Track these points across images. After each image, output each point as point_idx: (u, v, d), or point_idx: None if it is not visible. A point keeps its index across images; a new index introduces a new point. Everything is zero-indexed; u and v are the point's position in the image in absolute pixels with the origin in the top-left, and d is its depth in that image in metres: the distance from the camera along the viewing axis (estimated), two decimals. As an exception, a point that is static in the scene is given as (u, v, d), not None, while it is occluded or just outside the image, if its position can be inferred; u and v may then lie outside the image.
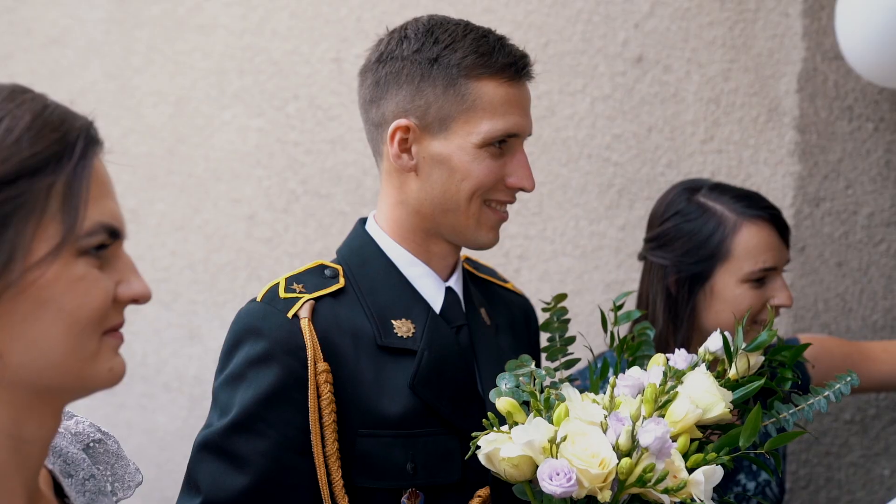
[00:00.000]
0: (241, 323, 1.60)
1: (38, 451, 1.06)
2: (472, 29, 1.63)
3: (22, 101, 0.99)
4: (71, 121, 1.01)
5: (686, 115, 2.55)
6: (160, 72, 3.02)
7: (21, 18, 3.19)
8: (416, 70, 1.59)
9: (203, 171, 2.98)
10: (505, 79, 1.58)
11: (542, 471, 1.37)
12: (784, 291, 1.96)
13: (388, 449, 1.56)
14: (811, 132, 2.46)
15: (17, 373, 0.99)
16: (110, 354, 1.06)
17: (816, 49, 2.45)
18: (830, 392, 1.50)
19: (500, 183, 1.60)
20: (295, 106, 2.88)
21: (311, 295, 1.60)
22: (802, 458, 2.48)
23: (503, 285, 1.88)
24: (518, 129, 1.60)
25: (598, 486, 1.37)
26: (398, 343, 1.60)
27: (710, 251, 1.95)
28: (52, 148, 0.98)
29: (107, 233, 1.02)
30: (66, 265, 0.98)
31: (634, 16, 2.58)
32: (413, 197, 1.63)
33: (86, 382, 1.04)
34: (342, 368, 1.56)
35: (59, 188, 0.97)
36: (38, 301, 0.97)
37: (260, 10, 2.91)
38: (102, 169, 1.04)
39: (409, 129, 1.59)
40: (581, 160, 2.63)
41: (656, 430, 1.37)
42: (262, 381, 1.53)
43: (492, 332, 1.74)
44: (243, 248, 2.95)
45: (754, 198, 2.01)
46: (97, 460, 1.37)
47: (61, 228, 0.97)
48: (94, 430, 1.39)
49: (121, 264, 1.05)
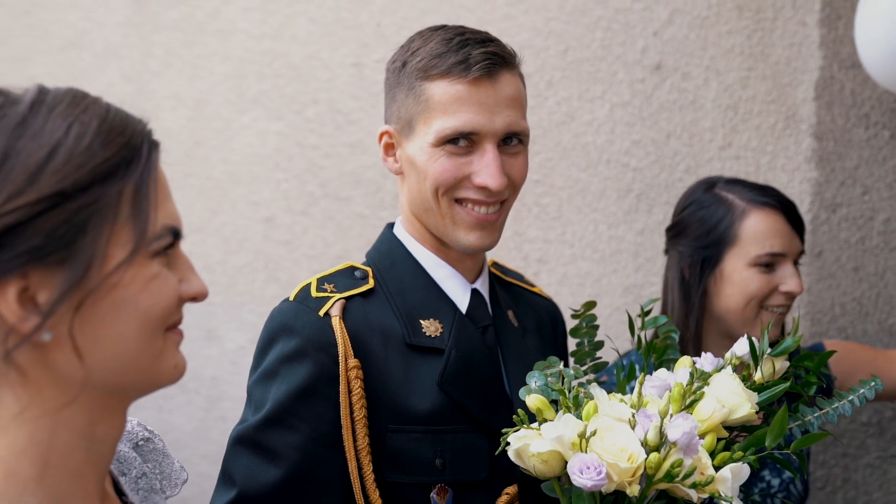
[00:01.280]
0: (274, 321, 1.64)
1: (108, 450, 1.09)
2: (443, 34, 1.63)
3: (86, 107, 1.00)
4: (133, 124, 1.03)
5: (704, 121, 2.59)
6: (178, 75, 3.04)
7: (39, 21, 3.19)
8: (392, 78, 1.66)
9: (221, 173, 2.99)
10: (455, 77, 1.58)
11: (572, 464, 1.39)
12: (794, 278, 2.02)
13: (417, 445, 1.59)
14: (828, 139, 2.50)
15: (94, 373, 1.01)
16: (174, 351, 1.09)
17: (833, 58, 2.49)
18: (855, 396, 1.53)
19: (465, 181, 1.61)
20: (314, 110, 2.90)
21: (342, 294, 1.64)
22: (820, 460, 2.51)
23: (530, 289, 1.91)
24: (472, 126, 1.58)
25: (626, 481, 1.39)
26: (427, 342, 1.64)
27: (719, 236, 2.04)
28: (121, 153, 0.99)
29: (171, 234, 1.05)
30: (140, 266, 1.01)
31: (653, 24, 2.62)
32: (407, 200, 1.69)
33: (154, 379, 1.07)
34: (372, 366, 1.60)
35: (128, 193, 1.00)
36: (116, 303, 0.99)
37: (279, 15, 2.93)
38: (161, 171, 1.06)
39: (391, 134, 1.67)
40: (600, 165, 2.67)
41: (684, 425, 1.39)
42: (294, 376, 1.57)
43: (519, 333, 1.77)
44: (261, 251, 2.96)
45: (767, 189, 2.09)
46: (146, 458, 1.39)
47: (134, 232, 1.00)
48: (142, 429, 1.41)
49: (181, 263, 1.08)
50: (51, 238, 0.94)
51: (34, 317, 0.95)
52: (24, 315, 0.95)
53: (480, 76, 1.58)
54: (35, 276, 0.95)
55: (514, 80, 1.63)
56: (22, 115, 0.97)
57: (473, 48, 1.59)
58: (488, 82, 1.59)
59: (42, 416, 1.00)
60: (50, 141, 0.96)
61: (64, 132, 0.97)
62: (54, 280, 0.95)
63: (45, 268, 0.95)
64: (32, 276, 0.95)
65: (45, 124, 0.97)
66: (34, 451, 1.00)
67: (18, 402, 0.99)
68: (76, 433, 1.03)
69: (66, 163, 0.95)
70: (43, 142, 0.95)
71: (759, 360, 1.54)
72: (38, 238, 0.94)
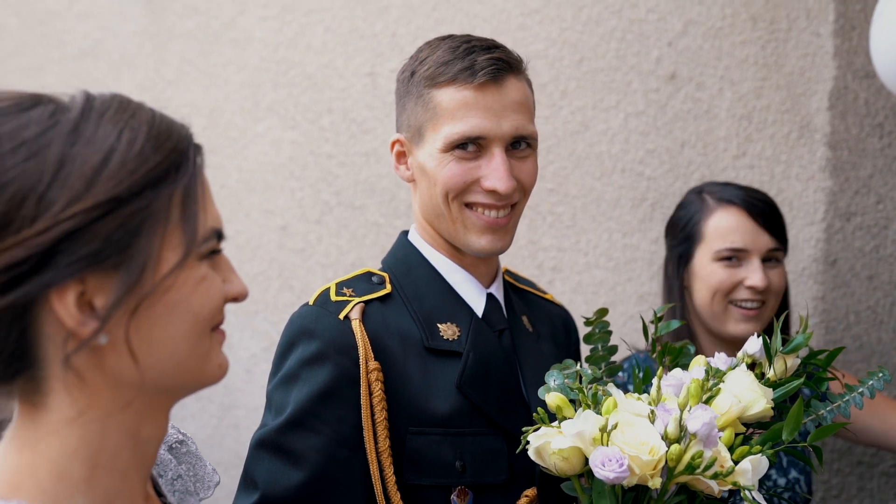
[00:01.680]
0: (294, 326, 1.65)
1: (152, 450, 1.10)
2: (450, 42, 1.67)
3: (133, 112, 1.01)
4: (178, 128, 1.04)
5: (719, 131, 2.61)
6: (193, 84, 3.06)
7: (54, 31, 3.21)
8: (402, 88, 1.70)
9: (236, 182, 3.01)
10: (462, 84, 1.61)
11: (594, 458, 1.40)
12: (757, 273, 2.10)
13: (437, 447, 1.60)
14: (842, 148, 2.52)
15: (148, 375, 1.02)
16: (218, 350, 1.10)
17: (847, 68, 2.51)
18: (865, 388, 1.56)
19: (474, 185, 1.64)
20: (329, 119, 2.92)
21: (361, 298, 1.66)
22: (835, 468, 2.52)
23: (543, 296, 1.93)
24: (480, 130, 1.61)
25: (648, 474, 1.40)
26: (444, 345, 1.65)
27: (689, 232, 2.19)
28: (170, 157, 1.00)
29: (216, 236, 1.06)
30: (190, 269, 1.02)
31: (668, 34, 2.64)
32: (420, 207, 1.72)
33: (201, 379, 1.08)
34: (391, 368, 1.61)
35: (178, 196, 1.01)
36: (169, 305, 1.01)
37: (295, 24, 2.95)
38: (204, 174, 1.07)
39: (402, 142, 1.70)
40: (615, 174, 2.68)
41: (703, 416, 1.40)
42: (315, 379, 1.58)
43: (533, 338, 1.79)
44: (276, 259, 2.97)
45: (744, 190, 2.19)
46: (181, 461, 1.39)
47: (184, 235, 1.01)
48: (176, 432, 1.41)
49: (223, 264, 1.10)
50: (108, 242, 0.95)
51: (92, 321, 0.96)
52: (83, 319, 0.96)
53: (486, 81, 1.61)
54: (92, 281, 0.96)
55: (521, 84, 1.66)
56: (74, 121, 0.97)
57: (479, 55, 1.62)
58: (494, 87, 1.62)
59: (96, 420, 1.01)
60: (104, 147, 0.97)
61: (116, 137, 0.98)
62: (110, 284, 0.96)
63: (102, 272, 0.96)
64: (89, 281, 0.96)
65: (98, 130, 0.98)
66: (85, 453, 1.01)
67: (75, 405, 1.00)
68: (125, 434, 1.04)
69: (121, 168, 0.96)
70: (97, 147, 0.96)
71: (772, 358, 1.56)
72: (95, 243, 0.95)
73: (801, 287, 2.57)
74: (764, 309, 2.14)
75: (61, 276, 0.94)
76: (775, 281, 2.15)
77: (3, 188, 0.93)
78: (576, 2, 2.71)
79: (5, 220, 0.92)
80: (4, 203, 0.92)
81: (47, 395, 1.00)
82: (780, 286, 2.16)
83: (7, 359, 0.97)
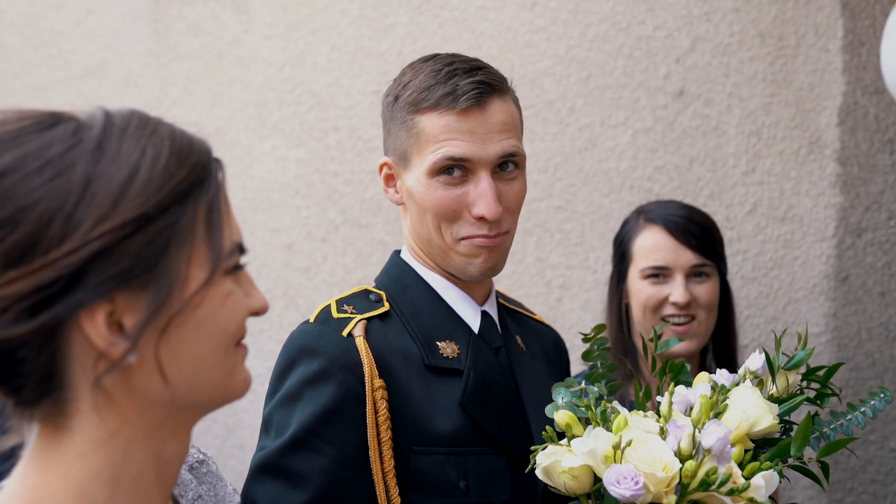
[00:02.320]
0: (295, 343, 1.61)
1: (175, 469, 1.07)
2: (433, 65, 1.65)
3: (154, 128, 0.99)
4: (198, 143, 1.02)
5: (728, 147, 2.60)
6: (198, 103, 3.05)
7: (59, 51, 3.21)
8: (387, 112, 1.68)
9: (241, 200, 2.99)
10: (444, 109, 1.59)
11: (608, 476, 1.38)
12: (678, 290, 2.18)
13: (441, 466, 1.57)
14: (852, 164, 2.51)
15: (176, 393, 1.00)
16: (242, 365, 1.08)
17: (857, 84, 2.50)
18: (867, 407, 1.55)
19: (464, 212, 1.61)
20: (335, 137, 2.91)
21: (363, 315, 1.63)
22: (848, 486, 2.49)
23: (532, 317, 1.92)
24: (463, 153, 1.58)
25: (662, 491, 1.38)
26: (445, 363, 1.63)
27: (623, 251, 2.29)
28: (194, 172, 0.98)
29: (239, 250, 1.04)
30: (217, 285, 1.00)
31: (675, 51, 2.64)
32: (409, 231, 1.70)
33: (227, 394, 1.06)
34: (395, 386, 1.58)
35: (202, 212, 0.99)
36: (196, 321, 0.98)
37: (300, 42, 2.95)
38: (225, 189, 1.06)
39: (390, 165, 1.68)
40: (623, 191, 2.67)
41: (718, 431, 1.39)
42: (319, 398, 1.54)
43: (528, 356, 1.77)
44: (281, 277, 2.95)
45: (670, 207, 2.27)
46: (201, 481, 1.37)
47: (210, 251, 0.99)
48: (197, 451, 1.39)
49: (244, 278, 1.07)
50: (137, 261, 0.93)
51: (122, 341, 0.94)
52: (113, 340, 0.94)
53: (469, 106, 1.59)
54: (121, 300, 0.94)
55: (506, 104, 1.64)
56: (97, 138, 0.95)
57: (461, 78, 1.60)
58: (477, 111, 1.59)
59: (124, 441, 0.99)
60: (128, 164, 0.95)
61: (140, 154, 0.96)
62: (139, 303, 0.94)
63: (131, 291, 0.94)
64: (119, 300, 0.94)
65: (121, 147, 0.96)
66: (108, 474, 0.99)
67: (104, 426, 0.98)
68: (148, 453, 1.02)
69: (147, 185, 0.94)
70: (122, 164, 0.94)
71: (775, 374, 1.56)
72: (124, 261, 0.93)
73: (813, 304, 2.55)
74: (693, 324, 2.21)
75: (91, 297, 0.91)
76: (702, 296, 2.20)
77: (31, 208, 0.91)
78: (583, 19, 2.71)
79: (33, 241, 0.90)
80: (32, 223, 0.90)
81: (72, 417, 0.97)
82: (708, 300, 2.22)
83: (36, 382, 0.94)
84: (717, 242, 2.24)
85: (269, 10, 2.98)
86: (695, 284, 2.21)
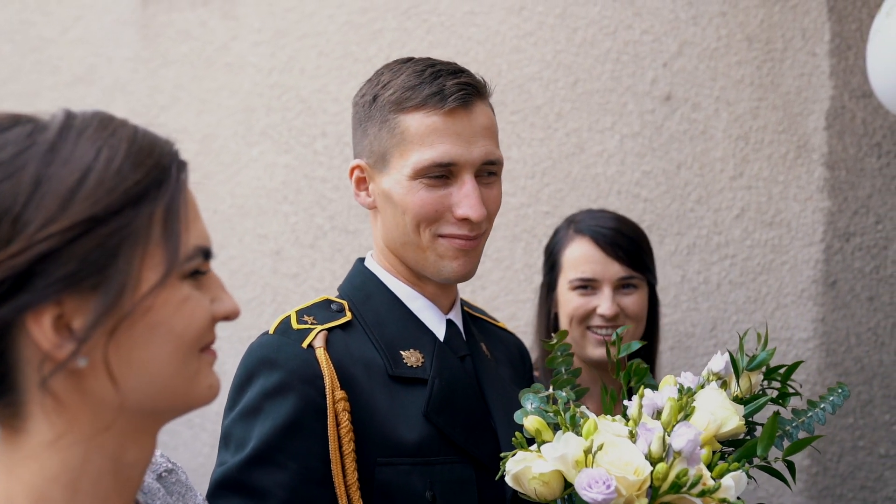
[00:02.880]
0: (253, 356, 1.57)
1: (137, 475, 1.06)
2: (413, 66, 1.63)
3: (114, 130, 0.98)
4: (161, 145, 1.01)
5: (715, 151, 2.58)
6: (186, 109, 3.04)
7: (48, 57, 3.21)
8: (362, 112, 1.65)
9: (229, 206, 2.98)
10: (431, 109, 1.57)
11: (580, 480, 1.37)
12: (606, 302, 2.20)
13: (407, 477, 1.55)
14: (840, 168, 2.50)
15: (129, 397, 0.99)
16: (208, 371, 1.06)
17: (844, 87, 2.49)
18: (826, 404, 1.57)
19: (447, 214, 1.59)
20: (323, 143, 2.90)
21: (323, 326, 1.59)
22: (837, 493, 2.48)
23: (496, 324, 1.91)
24: (450, 157, 1.57)
25: (634, 494, 1.38)
26: (409, 373, 1.60)
27: (552, 261, 2.31)
28: (151, 174, 0.97)
29: (202, 254, 1.03)
30: (172, 289, 0.99)
31: (663, 55, 2.62)
32: (382, 235, 1.66)
33: (189, 401, 1.05)
34: (358, 398, 1.55)
35: (159, 214, 0.98)
36: (149, 326, 0.97)
37: (288, 49, 2.94)
38: (190, 191, 1.04)
39: (362, 168, 1.64)
40: (611, 196, 2.66)
41: (688, 433, 1.39)
42: (279, 411, 1.51)
43: (493, 364, 1.76)
44: (269, 284, 2.94)
45: (600, 218, 2.28)
46: (170, 490, 1.35)
47: (165, 255, 0.98)
48: (165, 461, 1.38)
49: (212, 283, 1.06)
50: (84, 264, 0.93)
51: (69, 343, 0.94)
52: (60, 342, 0.93)
53: (456, 107, 1.57)
54: (69, 303, 0.93)
55: (487, 109, 1.64)
56: (51, 141, 0.95)
57: (447, 79, 1.58)
58: (464, 113, 1.58)
59: (77, 443, 0.99)
60: (80, 166, 0.94)
61: (94, 156, 0.95)
62: (88, 306, 0.94)
63: (80, 294, 0.94)
64: (67, 303, 0.93)
65: (75, 149, 0.95)
66: (66, 478, 0.99)
67: (53, 429, 0.97)
68: (107, 458, 1.01)
69: (98, 187, 0.94)
70: (73, 167, 0.94)
71: (739, 375, 1.57)
72: (72, 264, 0.92)
73: (801, 309, 2.53)
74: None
75: (38, 299, 0.91)
76: (629, 307, 2.22)
77: None
78: (570, 24, 2.70)
79: None
80: None
81: (26, 420, 0.97)
82: (636, 311, 2.23)
83: None
84: (645, 254, 2.26)
85: (258, 17, 2.97)
86: (622, 296, 2.23)
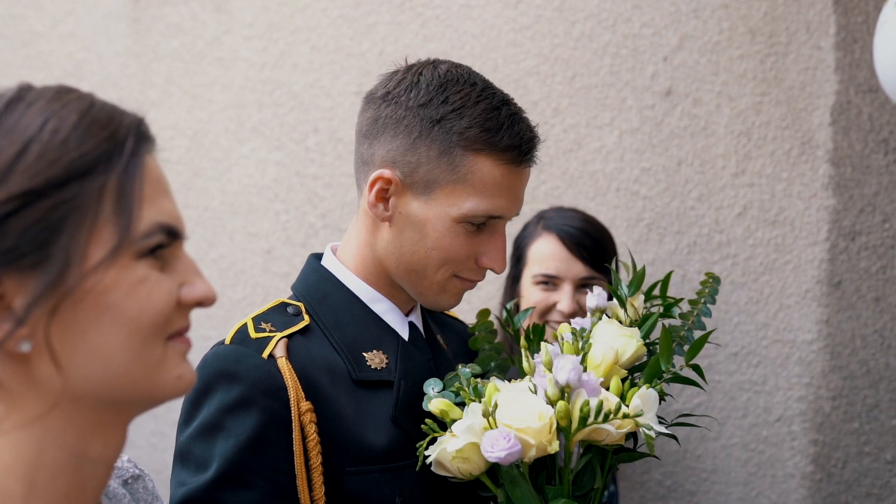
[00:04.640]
0: (210, 368, 1.46)
1: (102, 471, 1.00)
2: (487, 96, 1.52)
3: (67, 101, 0.93)
4: (119, 118, 0.96)
5: (717, 148, 2.51)
6: (177, 105, 2.99)
7: (38, 52, 3.16)
8: (417, 125, 1.50)
9: (219, 204, 2.92)
10: (504, 161, 1.50)
11: (484, 445, 1.40)
12: (566, 299, 2.25)
13: (376, 486, 1.48)
14: (845, 165, 2.42)
15: (81, 386, 0.93)
16: (177, 360, 0.99)
17: (850, 82, 2.42)
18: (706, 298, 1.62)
19: (470, 260, 1.54)
20: (315, 139, 2.84)
21: (283, 333, 1.50)
22: (842, 500, 2.40)
23: (450, 315, 1.84)
24: (502, 212, 1.52)
25: (545, 440, 1.40)
26: (373, 375, 1.53)
27: (518, 254, 2.36)
28: (101, 147, 0.92)
29: (165, 233, 0.96)
30: (124, 268, 0.92)
31: (663, 49, 2.56)
32: (381, 246, 1.56)
33: (154, 392, 0.98)
34: (324, 407, 1.47)
35: (111, 189, 0.92)
36: (98, 308, 0.91)
37: (281, 43, 2.88)
38: (156, 167, 0.98)
39: (390, 181, 1.51)
40: (609, 194, 2.59)
41: (566, 364, 1.41)
42: (242, 427, 1.42)
43: (451, 358, 1.69)
44: (260, 283, 2.88)
45: (568, 216, 2.33)
46: (135, 497, 1.30)
47: (116, 231, 0.92)
48: (132, 466, 1.32)
49: (183, 266, 0.99)
50: (23, 239, 0.87)
51: (8, 324, 0.88)
52: None
53: (523, 164, 1.53)
54: (9, 281, 0.88)
55: None
56: None
57: (522, 126, 1.52)
58: (527, 170, 1.55)
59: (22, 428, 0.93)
60: (22, 137, 0.89)
61: (38, 128, 0.90)
62: (30, 284, 0.88)
63: (20, 272, 0.88)
64: (7, 282, 0.88)
65: (20, 120, 0.91)
66: (21, 469, 0.93)
67: None
68: (66, 451, 0.95)
69: (39, 159, 0.89)
70: (14, 138, 0.89)
71: (625, 302, 1.61)
72: (9, 240, 0.87)
73: (805, 310, 2.46)
74: None
75: None
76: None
77: None
78: (568, 17, 2.63)
79: None
80: None
81: None
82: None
83: None
84: (609, 256, 2.28)
85: (250, 10, 2.91)
86: (582, 295, 2.24)
